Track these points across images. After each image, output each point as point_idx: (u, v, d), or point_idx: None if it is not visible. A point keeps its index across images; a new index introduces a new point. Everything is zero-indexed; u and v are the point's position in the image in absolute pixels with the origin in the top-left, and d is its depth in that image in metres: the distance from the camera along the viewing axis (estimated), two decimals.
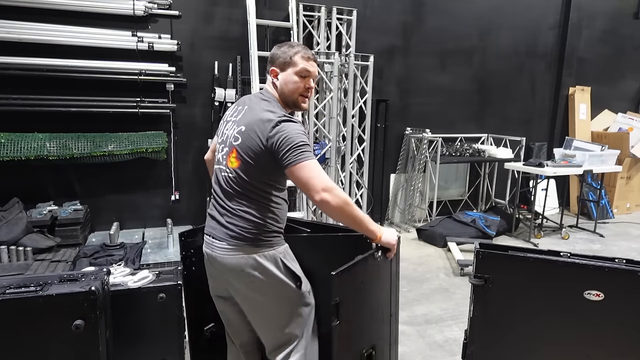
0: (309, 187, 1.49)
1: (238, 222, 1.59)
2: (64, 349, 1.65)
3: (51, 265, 3.27)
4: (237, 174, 1.58)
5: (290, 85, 1.63)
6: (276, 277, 1.61)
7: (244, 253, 1.58)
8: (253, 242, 1.58)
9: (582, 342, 1.67)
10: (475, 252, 1.76)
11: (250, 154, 1.55)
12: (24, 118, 3.75)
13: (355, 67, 4.48)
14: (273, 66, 1.65)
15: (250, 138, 1.55)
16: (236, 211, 1.59)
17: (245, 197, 1.59)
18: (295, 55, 1.62)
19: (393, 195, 5.42)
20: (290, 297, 1.65)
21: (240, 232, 1.58)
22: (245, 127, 1.58)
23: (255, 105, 1.63)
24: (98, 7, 3.86)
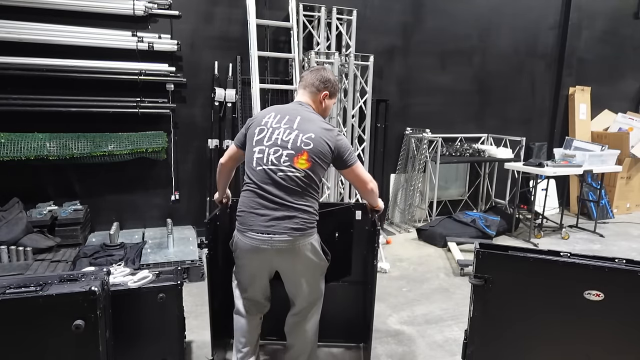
0: (365, 180, 2.07)
1: (300, 214, 1.89)
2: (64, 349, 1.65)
3: (51, 265, 3.27)
4: (307, 173, 1.90)
5: (329, 109, 2.13)
6: (320, 256, 2.02)
7: (304, 239, 1.91)
8: (311, 229, 1.94)
9: (581, 342, 1.68)
10: (475, 252, 1.76)
11: (322, 157, 1.92)
12: (24, 118, 3.75)
13: (355, 67, 4.48)
14: (327, 90, 2.05)
15: (321, 144, 1.90)
16: (300, 205, 1.89)
17: (308, 192, 1.92)
18: (337, 90, 2.13)
19: (393, 195, 5.42)
20: (323, 268, 2.08)
21: (303, 223, 1.89)
22: (315, 134, 1.91)
23: (310, 116, 1.99)
24: (98, 7, 3.85)
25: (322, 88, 2.04)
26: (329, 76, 2.05)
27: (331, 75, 2.07)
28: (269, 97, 4.44)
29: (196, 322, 2.85)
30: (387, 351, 2.63)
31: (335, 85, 2.08)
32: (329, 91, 2.05)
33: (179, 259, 3.53)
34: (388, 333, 2.84)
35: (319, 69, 2.09)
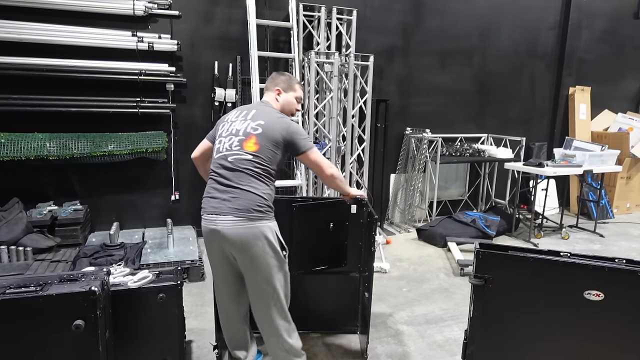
0: (321, 165, 2.10)
1: (246, 196, 1.92)
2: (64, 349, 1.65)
3: (51, 265, 3.27)
4: (255, 155, 1.97)
5: (290, 106, 2.25)
6: (274, 247, 1.98)
7: (252, 223, 1.91)
8: (259, 213, 1.93)
9: (582, 342, 1.67)
10: (475, 252, 1.76)
11: (272, 141, 1.99)
12: (24, 118, 3.75)
13: (355, 67, 4.48)
14: (277, 87, 2.21)
15: (271, 128, 2.00)
16: (248, 187, 1.93)
17: (258, 176, 1.96)
18: (296, 84, 2.27)
19: (393, 195, 5.42)
20: (278, 262, 2.03)
21: (246, 206, 1.91)
22: (265, 121, 2.02)
23: (265, 109, 2.12)
24: (98, 7, 3.86)
25: (272, 87, 2.21)
26: (280, 76, 2.25)
27: (283, 75, 2.26)
28: None
29: (196, 322, 2.85)
30: (387, 351, 2.63)
31: (287, 82, 2.22)
32: (280, 87, 2.20)
33: (179, 259, 3.53)
34: (388, 333, 2.84)
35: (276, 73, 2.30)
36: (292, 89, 2.24)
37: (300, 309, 2.74)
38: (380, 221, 5.22)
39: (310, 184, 4.30)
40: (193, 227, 4.33)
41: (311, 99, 4.29)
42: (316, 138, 4.50)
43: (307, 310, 2.75)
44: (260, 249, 1.94)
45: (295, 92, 2.25)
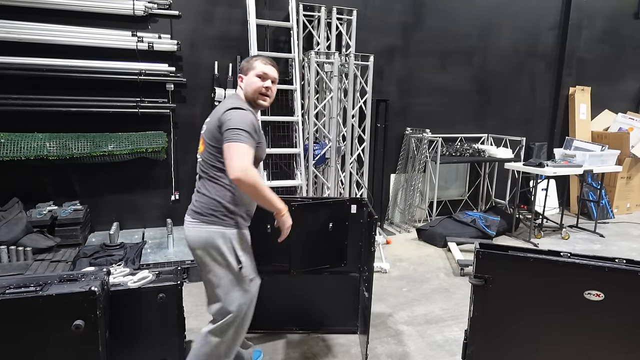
0: (230, 164, 1.70)
1: (200, 199, 1.87)
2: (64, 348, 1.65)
3: (51, 265, 3.27)
4: (203, 157, 1.89)
5: (252, 86, 1.94)
6: (225, 258, 1.85)
7: (201, 226, 1.84)
8: (212, 217, 1.84)
9: (582, 342, 1.67)
10: (475, 252, 1.76)
11: (211, 138, 1.83)
12: (24, 118, 3.75)
13: (355, 67, 4.48)
14: (240, 74, 1.99)
15: (212, 124, 1.84)
16: (200, 189, 1.89)
17: (206, 177, 1.87)
18: (255, 61, 1.96)
19: (393, 195, 5.42)
20: (231, 273, 1.88)
21: (199, 208, 1.86)
22: (210, 118, 1.90)
23: (223, 102, 1.93)
24: (98, 7, 3.85)
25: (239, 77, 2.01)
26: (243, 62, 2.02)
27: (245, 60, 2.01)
28: None
29: (196, 322, 2.85)
30: (387, 351, 2.63)
31: (245, 64, 1.97)
32: (241, 74, 1.98)
33: (179, 259, 3.53)
34: (388, 333, 2.84)
35: None
36: (251, 68, 1.95)
37: (301, 309, 2.75)
38: (380, 221, 5.22)
39: (310, 184, 4.30)
40: None
41: (311, 99, 4.29)
42: (316, 138, 4.50)
43: (307, 310, 2.76)
44: (211, 254, 1.85)
45: (254, 69, 1.93)
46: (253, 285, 1.98)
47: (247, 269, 1.93)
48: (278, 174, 4.46)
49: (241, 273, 1.89)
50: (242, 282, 1.91)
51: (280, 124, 4.46)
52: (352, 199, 2.66)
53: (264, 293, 2.69)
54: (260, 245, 2.60)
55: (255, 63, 1.95)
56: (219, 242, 1.83)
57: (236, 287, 1.90)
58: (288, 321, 2.77)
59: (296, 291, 2.71)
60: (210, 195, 1.85)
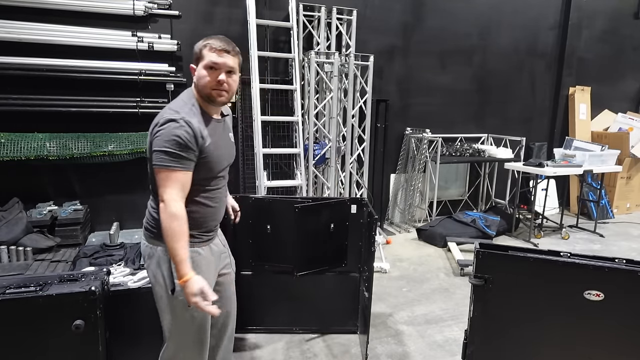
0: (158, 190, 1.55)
1: (146, 213, 1.73)
2: (64, 349, 1.65)
3: (51, 265, 3.27)
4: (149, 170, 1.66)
5: (201, 81, 1.60)
6: (157, 272, 1.65)
7: (145, 241, 1.71)
8: (150, 232, 1.68)
9: (582, 342, 1.67)
10: (475, 252, 1.76)
11: (149, 151, 1.59)
12: (24, 118, 3.75)
13: (355, 67, 4.48)
14: (191, 64, 1.64)
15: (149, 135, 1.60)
16: (147, 204, 1.75)
17: (152, 191, 1.69)
18: (203, 48, 1.59)
19: (393, 195, 5.42)
20: (164, 297, 1.65)
21: (145, 222, 1.73)
22: None
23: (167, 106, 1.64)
24: (98, 7, 3.85)
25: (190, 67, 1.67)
26: None
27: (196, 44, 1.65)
28: (269, 97, 4.44)
29: None
30: (387, 351, 2.63)
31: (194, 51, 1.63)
32: (194, 63, 1.64)
33: None
34: (388, 333, 2.84)
35: None
36: (200, 58, 1.60)
37: (301, 309, 2.75)
38: (380, 221, 5.22)
39: (310, 184, 4.30)
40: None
41: (311, 99, 4.29)
42: (316, 138, 4.50)
43: (307, 310, 2.76)
44: (149, 270, 1.69)
45: (203, 59, 1.59)
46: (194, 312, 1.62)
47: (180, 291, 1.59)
48: (278, 174, 4.46)
49: (172, 295, 1.61)
50: (176, 307, 1.63)
51: (280, 124, 4.47)
52: (352, 199, 2.66)
53: (264, 293, 2.71)
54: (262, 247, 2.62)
55: (204, 51, 1.58)
56: (155, 261, 1.64)
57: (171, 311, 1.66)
58: (288, 321, 2.77)
59: (296, 291, 2.71)
60: (153, 211, 1.67)
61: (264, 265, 2.65)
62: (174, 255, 1.49)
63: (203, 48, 1.60)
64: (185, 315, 1.65)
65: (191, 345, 1.72)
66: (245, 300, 2.71)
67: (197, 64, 1.62)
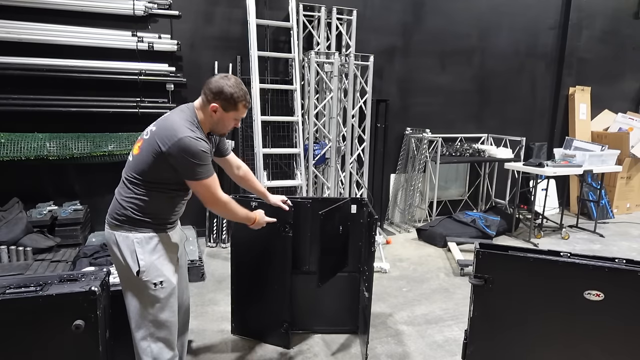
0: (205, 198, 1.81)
1: (113, 201, 1.84)
2: (64, 349, 1.65)
3: (51, 265, 3.27)
4: (133, 160, 1.79)
5: (225, 124, 1.85)
6: (122, 257, 1.78)
7: (109, 228, 1.83)
8: (115, 221, 1.80)
9: (582, 342, 1.67)
10: (475, 252, 1.76)
11: (152, 150, 1.71)
12: (24, 118, 3.75)
13: (355, 67, 4.48)
14: (216, 102, 1.77)
15: (158, 135, 1.72)
16: (116, 192, 1.86)
17: (125, 181, 1.81)
18: (239, 102, 1.80)
19: (393, 195, 5.42)
20: (132, 280, 1.79)
21: (110, 210, 1.83)
22: (156, 128, 1.76)
23: (174, 114, 1.79)
24: (98, 7, 3.85)
25: (212, 99, 1.77)
26: (224, 87, 1.75)
27: (230, 86, 1.76)
28: (269, 97, 4.45)
29: (196, 322, 2.85)
30: (387, 351, 2.63)
31: (231, 100, 1.76)
32: (220, 104, 1.77)
33: None
34: (388, 333, 2.84)
35: (223, 76, 1.80)
36: (234, 108, 1.79)
37: (301, 309, 2.74)
38: (380, 221, 5.22)
39: (310, 184, 4.30)
40: (193, 227, 4.32)
41: (311, 99, 4.29)
42: (316, 138, 4.50)
43: (307, 310, 2.75)
44: (114, 256, 1.82)
45: (237, 111, 1.81)
46: (159, 291, 1.80)
47: (149, 273, 1.77)
48: (278, 174, 4.46)
49: (139, 277, 1.76)
50: (146, 288, 1.78)
51: (280, 124, 4.47)
52: (352, 198, 2.66)
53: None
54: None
55: (240, 106, 1.80)
56: (120, 247, 1.78)
57: (139, 293, 1.80)
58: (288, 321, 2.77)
59: (296, 291, 2.71)
60: (122, 200, 1.79)
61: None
62: (247, 217, 2.01)
63: (239, 102, 1.80)
64: (151, 295, 1.80)
65: (162, 324, 1.85)
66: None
67: (227, 110, 1.80)
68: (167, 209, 1.86)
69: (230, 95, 1.76)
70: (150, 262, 1.78)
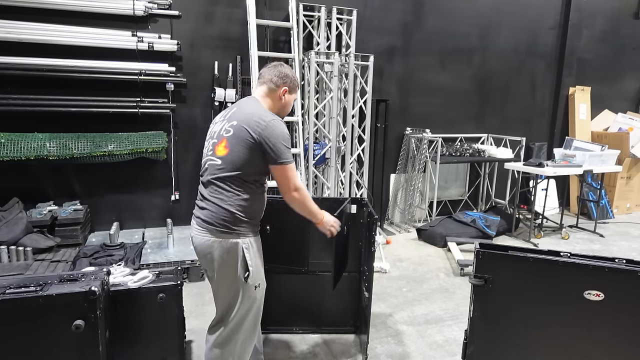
0: (287, 185, 1.81)
1: (210, 207, 1.79)
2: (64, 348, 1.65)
3: (51, 265, 3.27)
4: (224, 161, 1.78)
5: (290, 106, 2.00)
6: (230, 264, 1.80)
7: (211, 236, 1.79)
8: (219, 227, 1.78)
9: (581, 342, 1.67)
10: (475, 252, 1.76)
11: (243, 143, 1.75)
12: (24, 118, 3.75)
13: (355, 67, 4.48)
14: (285, 86, 1.93)
15: (241, 130, 1.76)
16: (211, 198, 1.80)
17: (222, 185, 1.78)
18: (297, 86, 2.02)
19: (393, 195, 5.42)
20: (237, 284, 1.83)
21: (210, 217, 1.79)
22: (238, 121, 1.79)
23: (249, 107, 1.86)
24: (98, 7, 3.85)
25: (281, 84, 1.93)
26: (287, 72, 1.95)
27: (289, 71, 1.97)
28: None
29: (196, 322, 2.85)
30: (387, 351, 2.63)
31: (294, 81, 1.97)
32: (288, 87, 1.95)
33: (179, 259, 3.53)
34: (388, 333, 2.84)
35: (276, 65, 1.98)
36: (296, 90, 2.02)
37: (301, 309, 2.75)
38: (380, 221, 5.22)
39: (310, 184, 4.30)
40: None
41: (311, 99, 4.29)
42: (316, 138, 4.50)
43: (307, 310, 2.76)
44: (217, 263, 1.81)
45: (295, 93, 2.03)
46: (258, 292, 1.92)
47: (253, 276, 1.86)
48: None
49: (246, 282, 1.83)
50: (248, 290, 1.86)
51: None
52: (352, 198, 2.66)
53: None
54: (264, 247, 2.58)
55: (296, 87, 2.01)
56: (228, 254, 1.79)
57: (240, 296, 1.85)
58: (288, 321, 2.77)
59: (296, 291, 2.71)
60: (225, 205, 1.77)
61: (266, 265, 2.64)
62: (315, 213, 1.94)
63: (297, 85, 2.01)
64: (249, 299, 1.87)
65: (251, 325, 1.93)
66: None
67: (292, 92, 1.98)
68: (262, 207, 1.92)
69: (294, 78, 1.97)
70: (255, 266, 1.85)
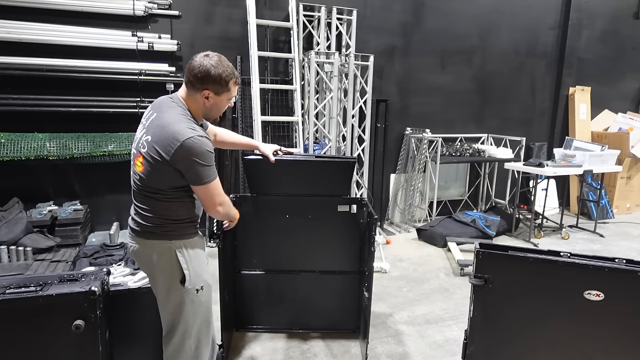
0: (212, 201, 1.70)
1: (139, 218, 1.73)
2: (64, 348, 1.65)
3: (51, 265, 3.27)
4: (142, 177, 1.67)
5: (219, 108, 1.74)
6: (163, 267, 1.73)
7: (142, 244, 1.74)
8: (149, 235, 1.72)
9: (581, 342, 1.67)
10: (475, 252, 1.76)
11: (156, 165, 1.61)
12: (24, 118, 3.75)
13: (355, 67, 4.48)
14: (207, 88, 1.64)
15: (153, 150, 1.60)
16: (139, 208, 1.73)
17: (145, 197, 1.70)
18: (230, 81, 1.67)
19: (393, 195, 5.42)
20: (176, 289, 1.74)
21: (139, 226, 1.73)
22: (152, 137, 1.62)
23: (164, 114, 1.64)
24: (98, 7, 3.86)
25: (200, 87, 1.63)
26: (209, 68, 1.60)
27: (214, 65, 1.61)
28: (269, 97, 4.45)
29: None
30: (387, 351, 2.63)
31: (221, 79, 1.63)
32: (212, 89, 1.64)
33: None
34: (388, 333, 2.84)
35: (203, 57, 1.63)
36: (226, 90, 1.67)
37: (301, 308, 2.75)
38: (380, 221, 5.22)
39: None
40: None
41: (311, 99, 4.29)
42: (316, 138, 4.50)
43: (307, 310, 2.76)
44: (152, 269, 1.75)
45: (229, 92, 1.70)
46: (202, 295, 1.79)
47: (193, 280, 1.74)
48: None
49: (183, 286, 1.73)
50: (187, 294, 1.75)
51: (280, 124, 4.46)
52: (352, 199, 2.66)
53: (264, 292, 2.71)
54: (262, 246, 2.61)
55: (231, 84, 1.68)
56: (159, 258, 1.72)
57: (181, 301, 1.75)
58: (288, 321, 2.77)
59: (296, 291, 2.71)
60: (151, 214, 1.69)
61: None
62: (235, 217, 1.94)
63: (229, 80, 1.67)
64: (197, 301, 1.77)
65: (202, 328, 1.84)
66: (246, 300, 2.71)
67: (219, 93, 1.67)
68: (194, 208, 1.79)
69: (219, 77, 1.62)
70: (192, 269, 1.74)
